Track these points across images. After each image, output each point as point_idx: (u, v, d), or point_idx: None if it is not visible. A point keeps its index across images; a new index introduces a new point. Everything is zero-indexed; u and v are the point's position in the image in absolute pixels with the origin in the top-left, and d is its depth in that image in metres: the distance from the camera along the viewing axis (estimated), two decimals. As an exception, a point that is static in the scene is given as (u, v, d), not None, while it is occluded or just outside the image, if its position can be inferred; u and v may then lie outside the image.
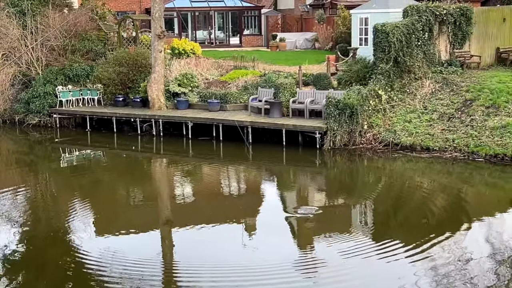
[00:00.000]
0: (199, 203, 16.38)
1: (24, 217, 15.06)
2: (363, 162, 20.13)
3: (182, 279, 10.79)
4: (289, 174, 19.90)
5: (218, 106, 25.03)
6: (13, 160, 23.88)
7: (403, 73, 22.88)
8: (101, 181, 19.50)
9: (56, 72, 28.37)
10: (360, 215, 14.45)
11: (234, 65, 29.06)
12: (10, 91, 29.42)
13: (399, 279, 10.44)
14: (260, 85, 25.33)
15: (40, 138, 26.34)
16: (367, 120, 21.40)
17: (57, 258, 12.08)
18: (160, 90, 25.99)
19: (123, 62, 27.75)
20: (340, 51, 28.37)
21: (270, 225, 13.72)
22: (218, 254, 11.89)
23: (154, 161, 22.67)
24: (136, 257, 11.66)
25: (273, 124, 22.24)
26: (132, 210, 15.77)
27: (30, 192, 17.83)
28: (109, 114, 26.42)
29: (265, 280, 10.40)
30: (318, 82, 24.35)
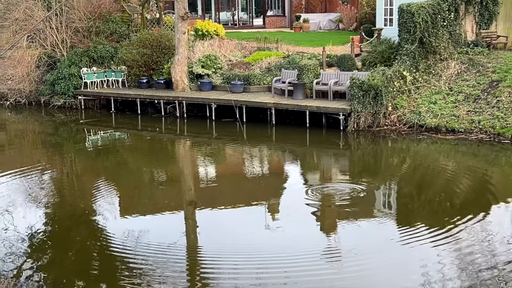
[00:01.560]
0: (223, 184, 16.42)
1: (49, 197, 15.25)
2: (387, 144, 20.01)
3: (205, 262, 10.82)
4: (313, 156, 19.85)
5: (241, 88, 25.01)
6: (39, 141, 24.16)
7: (428, 54, 22.63)
8: (125, 162, 19.66)
9: (81, 53, 28.54)
10: (384, 197, 14.38)
11: (257, 46, 28.96)
12: (35, 72, 29.71)
13: (422, 261, 10.37)
14: (283, 67, 25.24)
15: (65, 120, 26.58)
16: (392, 101, 21.24)
17: (82, 239, 12.22)
18: (183, 72, 26.01)
19: (147, 43, 27.82)
20: (364, 32, 28.11)
21: (293, 207, 13.69)
22: (240, 237, 11.90)
23: (178, 142, 22.76)
24: (160, 238, 11.73)
25: (297, 105, 22.17)
26: (156, 191, 15.87)
27: (55, 173, 18.03)
28: (133, 96, 26.54)
29: (287, 265, 10.37)
30: (342, 63, 24.19)
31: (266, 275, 10.00)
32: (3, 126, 27.06)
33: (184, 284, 9.88)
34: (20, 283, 9.80)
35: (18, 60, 29.60)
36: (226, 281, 9.87)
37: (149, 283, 9.85)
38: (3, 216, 13.27)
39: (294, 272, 10.08)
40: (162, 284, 9.80)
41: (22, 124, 27.25)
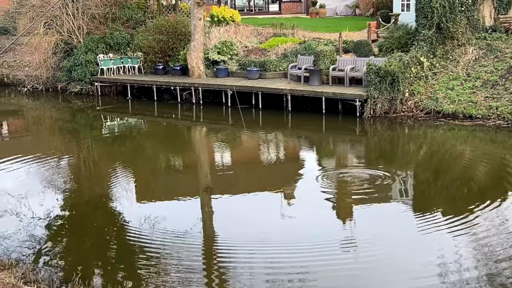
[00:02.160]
0: (238, 170, 16.44)
1: (67, 183, 15.36)
2: (404, 130, 19.91)
3: (220, 249, 10.84)
4: (329, 142, 19.80)
5: (257, 74, 24.96)
6: (56, 128, 24.32)
7: (445, 39, 22.40)
8: (141, 148, 19.73)
9: (97, 40, 28.62)
10: (401, 184, 14.32)
11: (273, 32, 28.87)
12: (52, 59, 29.85)
13: (439, 249, 10.31)
14: (299, 53, 25.14)
15: (82, 106, 26.72)
16: (409, 87, 21.10)
17: (99, 224, 12.31)
18: (199, 58, 26.00)
19: (163, 30, 27.82)
20: (381, 17, 27.89)
21: (309, 194, 13.67)
22: (256, 224, 11.89)
23: (194, 128, 22.80)
24: (176, 225, 11.76)
25: (313, 92, 22.09)
26: (172, 177, 15.93)
27: (73, 159, 18.15)
28: (150, 82, 26.59)
29: (302, 253, 10.36)
30: (359, 49, 24.04)
31: (281, 263, 10.00)
32: (20, 113, 27.27)
33: (201, 271, 9.91)
34: (38, 268, 9.90)
35: (35, 47, 29.75)
36: (241, 269, 9.89)
37: (166, 269, 9.90)
38: (21, 202, 13.39)
39: (310, 260, 10.05)
40: (179, 270, 9.85)
41: (40, 110, 27.43)
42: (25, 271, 9.39)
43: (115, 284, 9.16)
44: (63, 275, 9.66)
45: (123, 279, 9.58)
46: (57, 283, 9.16)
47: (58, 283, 9.20)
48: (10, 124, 25.31)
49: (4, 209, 12.87)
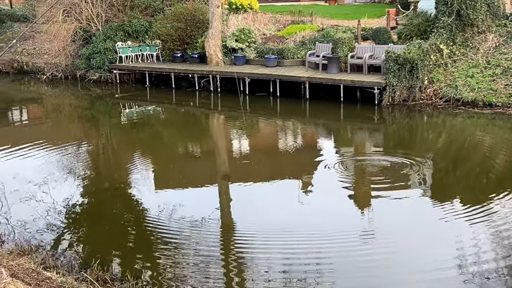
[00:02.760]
0: (256, 158, 16.45)
1: (86, 171, 15.48)
2: (423, 118, 19.78)
3: (237, 237, 10.88)
4: (347, 130, 19.74)
5: (275, 62, 24.90)
6: (75, 115, 24.50)
7: (465, 26, 22.15)
8: (159, 136, 19.82)
9: (116, 28, 28.70)
10: (419, 172, 14.23)
11: (291, 20, 28.78)
12: (71, 47, 30.01)
13: (457, 238, 10.26)
14: (318, 40, 25.04)
15: (101, 94, 26.86)
16: (428, 75, 20.95)
17: (117, 211, 12.40)
18: (217, 46, 25.99)
19: (181, 17, 27.83)
20: (400, 4, 27.67)
21: (327, 183, 13.64)
22: (273, 212, 11.88)
23: (212, 116, 22.84)
24: (193, 212, 11.80)
25: (331, 79, 22.01)
26: (190, 164, 15.98)
27: (91, 146, 18.28)
28: (168, 70, 26.65)
29: (319, 242, 10.35)
30: (378, 37, 23.89)
31: (298, 252, 9.99)
32: (40, 100, 27.49)
33: (218, 258, 9.96)
34: (57, 254, 10.01)
35: (54, 35, 29.89)
36: (258, 257, 9.91)
37: (183, 257, 9.96)
38: (40, 188, 13.52)
39: (327, 249, 10.05)
40: (196, 258, 9.90)
41: (59, 98, 27.63)
42: (44, 257, 9.50)
43: (133, 271, 9.24)
44: (82, 261, 9.76)
45: (141, 266, 9.66)
46: (76, 269, 9.25)
47: (77, 268, 9.29)
48: (30, 111, 25.53)
49: (24, 195, 13.00)
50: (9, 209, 12.23)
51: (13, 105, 26.36)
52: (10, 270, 7.61)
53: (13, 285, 6.32)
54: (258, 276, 9.20)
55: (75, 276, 8.74)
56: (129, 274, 8.90)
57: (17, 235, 10.89)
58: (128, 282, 8.68)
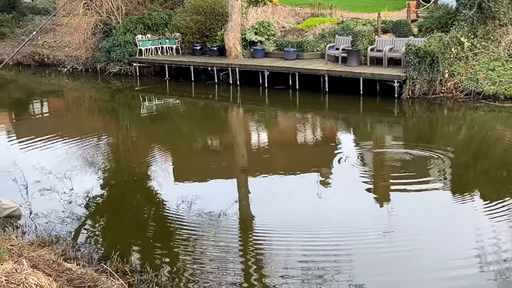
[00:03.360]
0: (275, 151, 16.46)
1: (106, 163, 15.60)
2: (443, 112, 19.64)
3: (256, 230, 10.90)
4: (366, 124, 19.65)
5: (294, 55, 24.86)
6: (96, 108, 24.67)
7: (487, 19, 21.89)
8: (179, 128, 19.89)
9: (136, 21, 28.80)
10: (439, 166, 14.15)
11: (311, 12, 28.68)
12: (91, 40, 30.16)
13: (477, 233, 10.19)
14: (337, 33, 24.95)
15: (121, 87, 27.00)
16: (448, 68, 20.78)
17: (137, 203, 12.48)
18: (236, 39, 25.99)
19: (201, 10, 27.85)
20: (421, -4, 27.45)
21: (345, 176, 13.59)
22: (292, 206, 11.86)
23: (231, 109, 22.87)
24: (212, 205, 11.83)
25: (350, 72, 21.92)
26: (208, 157, 16.02)
27: (111, 139, 18.40)
28: (187, 63, 26.70)
29: (338, 236, 10.33)
30: (398, 29, 23.74)
31: (317, 246, 10.00)
32: (61, 93, 27.71)
33: (236, 251, 9.98)
34: (77, 245, 10.10)
35: (74, 28, 30.07)
36: (277, 250, 9.93)
37: (202, 249, 9.99)
38: (62, 180, 13.64)
39: (345, 244, 10.03)
40: (215, 250, 9.93)
41: (79, 90, 27.83)
42: (65, 248, 9.58)
43: (153, 263, 9.30)
44: (102, 253, 9.85)
45: (160, 258, 9.72)
46: (96, 260, 9.33)
47: (97, 260, 9.37)
48: (51, 104, 25.75)
49: (45, 187, 13.12)
50: (30, 200, 12.36)
51: (34, 98, 26.62)
52: (31, 261, 7.70)
53: (34, 276, 6.39)
54: (276, 270, 9.21)
55: (95, 267, 8.81)
56: (149, 266, 8.96)
57: (38, 226, 11.01)
58: (147, 274, 8.73)
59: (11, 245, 8.63)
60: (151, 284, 8.47)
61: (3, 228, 10.62)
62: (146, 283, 8.53)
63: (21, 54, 32.99)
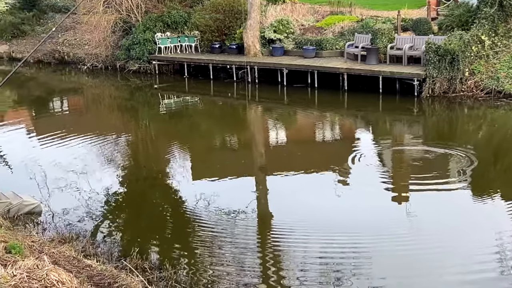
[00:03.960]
0: (294, 149, 16.44)
1: (125, 160, 15.69)
2: (463, 110, 19.50)
3: (274, 228, 10.89)
4: (385, 122, 19.55)
5: (313, 53, 24.80)
6: (115, 106, 24.81)
7: (508, 17, 21.68)
8: (197, 126, 19.94)
9: (155, 19, 28.89)
10: (459, 165, 14.05)
11: (330, 10, 28.59)
12: (111, 37, 30.30)
13: (497, 234, 10.09)
14: (356, 31, 24.84)
15: (140, 84, 27.12)
16: (469, 66, 20.61)
17: (156, 201, 12.54)
18: (255, 37, 25.99)
19: (220, 8, 27.87)
20: (441, -6, 27.26)
21: (365, 174, 13.53)
22: (310, 204, 11.83)
23: (249, 107, 22.87)
24: (230, 203, 11.85)
25: (370, 71, 21.82)
26: (227, 155, 16.05)
27: (131, 137, 18.49)
28: (206, 61, 26.75)
29: (357, 235, 10.28)
30: (418, 27, 23.60)
31: (335, 245, 9.97)
32: (80, 91, 27.90)
33: (255, 249, 9.99)
34: (97, 242, 10.17)
35: (94, 25, 30.23)
36: (295, 249, 9.92)
37: (220, 247, 10.02)
38: (81, 177, 13.73)
39: (364, 243, 9.99)
40: (233, 248, 9.95)
41: (99, 88, 28.01)
42: (85, 245, 9.66)
43: (172, 260, 9.34)
44: (121, 249, 9.91)
45: (178, 255, 9.76)
46: (115, 257, 9.39)
47: (117, 257, 9.43)
48: (71, 101, 25.93)
49: (65, 184, 13.24)
50: (50, 197, 12.46)
51: (54, 95, 26.84)
52: (51, 257, 7.76)
53: (55, 272, 6.45)
54: (294, 267, 9.22)
55: (115, 264, 8.87)
56: (168, 263, 9.00)
57: (58, 223, 11.11)
58: (166, 271, 8.78)
59: (32, 241, 8.72)
60: (170, 281, 8.51)
61: (24, 224, 10.73)
62: (165, 280, 8.56)
63: (42, 52, 33.25)
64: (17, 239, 8.42)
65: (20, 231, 9.89)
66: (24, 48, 34.42)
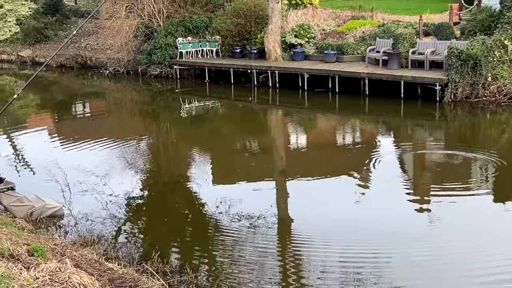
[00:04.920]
0: (314, 154, 16.41)
1: (146, 164, 15.77)
2: (486, 116, 19.33)
3: (294, 233, 10.88)
4: (407, 127, 19.44)
5: (334, 58, 24.74)
6: (137, 110, 24.96)
7: (532, 22, 21.52)
8: (218, 131, 19.99)
9: (177, 23, 29.03)
10: (481, 170, 13.92)
11: (351, 15, 28.51)
12: (133, 42, 30.48)
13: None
14: (378, 36, 24.75)
15: (161, 89, 27.26)
16: (491, 71, 20.43)
17: (176, 205, 12.59)
18: (276, 42, 26.00)
19: (241, 13, 27.93)
20: (464, -1, 27.07)
21: (385, 180, 13.44)
22: (331, 209, 11.80)
23: (270, 112, 22.89)
24: (250, 207, 11.84)
25: (391, 75, 21.72)
26: (247, 159, 16.06)
27: (152, 141, 18.59)
28: (227, 66, 26.81)
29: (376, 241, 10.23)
30: (440, 32, 23.45)
31: (355, 251, 9.93)
32: (103, 95, 28.12)
33: (275, 254, 9.98)
34: (118, 245, 10.23)
35: (117, 30, 30.45)
36: (315, 254, 9.90)
37: (240, 251, 10.03)
38: (102, 181, 13.83)
39: (384, 249, 9.93)
40: (253, 253, 9.95)
41: (121, 92, 28.21)
42: (106, 248, 9.73)
43: (192, 264, 9.36)
44: (142, 253, 9.95)
45: (199, 259, 9.78)
46: (136, 260, 9.43)
47: (138, 260, 9.47)
48: (93, 105, 26.15)
49: (87, 188, 13.33)
50: (72, 200, 12.57)
51: (77, 99, 27.07)
52: (74, 260, 7.83)
53: (77, 275, 6.50)
54: (314, 273, 9.19)
55: (136, 267, 8.91)
56: (188, 267, 9.03)
57: (80, 226, 11.19)
58: (187, 275, 8.80)
59: (55, 244, 8.80)
60: (191, 285, 8.53)
61: (47, 227, 10.84)
62: (186, 284, 8.59)
63: (64, 56, 33.57)
64: (39, 242, 8.50)
65: (43, 234, 10.00)
66: (47, 52, 34.77)
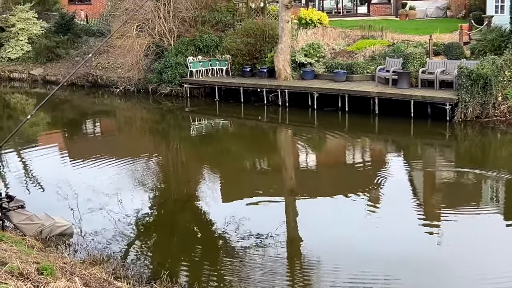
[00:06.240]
0: (324, 173, 16.39)
1: (155, 183, 15.79)
2: (496, 135, 19.26)
3: (303, 252, 10.84)
4: (417, 147, 19.38)
5: (344, 77, 24.78)
6: (147, 128, 25.04)
7: (542, 42, 21.52)
8: (228, 149, 20.00)
9: (187, 43, 29.20)
10: (491, 190, 13.85)
11: (361, 34, 28.57)
12: (144, 61, 30.66)
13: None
14: (388, 55, 24.78)
15: (172, 107, 27.35)
16: (502, 91, 20.39)
17: (186, 223, 12.58)
18: (286, 61, 26.08)
19: (251, 33, 28.06)
20: (473, 19, 27.08)
21: (395, 199, 13.40)
22: (340, 228, 11.77)
23: (279, 131, 22.89)
24: (260, 226, 11.83)
25: (401, 95, 21.70)
26: (257, 178, 16.05)
27: (161, 159, 18.62)
28: (237, 85, 26.88)
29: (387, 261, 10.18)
30: (450, 52, 23.46)
31: (365, 269, 9.88)
32: (113, 113, 28.24)
33: (284, 273, 9.95)
34: (127, 264, 10.22)
35: (127, 49, 30.65)
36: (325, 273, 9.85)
37: (249, 270, 10.00)
38: (112, 199, 13.85)
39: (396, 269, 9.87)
40: (262, 272, 9.92)
41: (131, 111, 28.32)
42: (115, 267, 9.72)
43: (201, 283, 9.33)
44: (151, 272, 9.94)
45: (208, 278, 9.76)
46: (145, 279, 9.42)
47: (147, 279, 9.46)
48: (103, 124, 26.26)
49: (96, 206, 13.35)
50: (81, 219, 12.58)
51: (87, 118, 27.20)
52: (83, 279, 7.82)
53: (85, 293, 6.49)
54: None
55: (145, 286, 8.90)
56: (197, 287, 8.99)
57: (89, 244, 11.19)
58: (195, 294, 8.78)
59: (64, 263, 8.79)
60: (199, 304, 8.50)
61: (56, 246, 10.85)
62: (194, 304, 8.56)
63: (75, 75, 33.74)
64: (49, 260, 8.50)
65: (52, 252, 10.00)
66: (58, 71, 35.05)
